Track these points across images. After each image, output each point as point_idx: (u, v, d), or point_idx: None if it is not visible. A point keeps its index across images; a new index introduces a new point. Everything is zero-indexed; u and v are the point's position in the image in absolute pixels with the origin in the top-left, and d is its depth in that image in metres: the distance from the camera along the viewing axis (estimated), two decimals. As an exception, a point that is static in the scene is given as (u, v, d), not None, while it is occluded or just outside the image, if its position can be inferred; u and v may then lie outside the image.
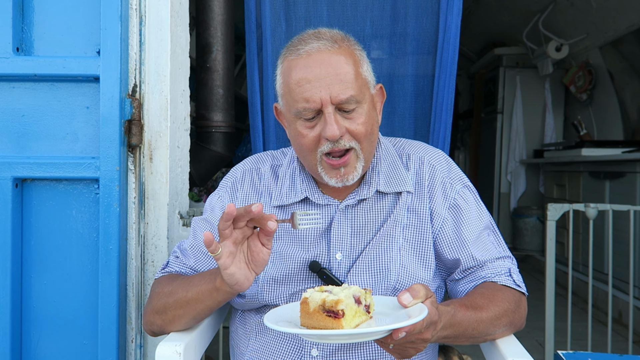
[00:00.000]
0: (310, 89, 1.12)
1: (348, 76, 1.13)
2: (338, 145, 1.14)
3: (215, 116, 2.25)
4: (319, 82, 1.12)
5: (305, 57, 1.14)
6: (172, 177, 1.66)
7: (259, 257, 1.04)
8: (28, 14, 1.55)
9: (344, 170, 1.16)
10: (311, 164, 1.19)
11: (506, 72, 6.06)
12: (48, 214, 1.56)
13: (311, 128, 1.15)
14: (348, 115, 1.14)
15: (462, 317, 1.05)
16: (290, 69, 1.16)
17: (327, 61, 1.13)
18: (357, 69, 1.16)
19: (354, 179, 1.18)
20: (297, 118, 1.16)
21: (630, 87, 4.70)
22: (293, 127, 1.19)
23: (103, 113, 1.51)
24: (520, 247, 5.71)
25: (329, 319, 0.90)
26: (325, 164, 1.16)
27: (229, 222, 0.98)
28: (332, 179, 1.17)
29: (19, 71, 1.52)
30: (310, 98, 1.12)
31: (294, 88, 1.14)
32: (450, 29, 1.87)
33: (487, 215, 1.28)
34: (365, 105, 1.17)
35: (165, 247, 1.63)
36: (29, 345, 1.57)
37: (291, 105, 1.17)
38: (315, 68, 1.12)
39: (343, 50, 1.15)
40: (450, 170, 1.29)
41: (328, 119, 1.12)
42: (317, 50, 1.14)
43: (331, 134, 1.12)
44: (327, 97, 1.11)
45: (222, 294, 1.10)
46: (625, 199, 3.82)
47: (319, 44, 1.14)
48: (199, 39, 2.23)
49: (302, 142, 1.17)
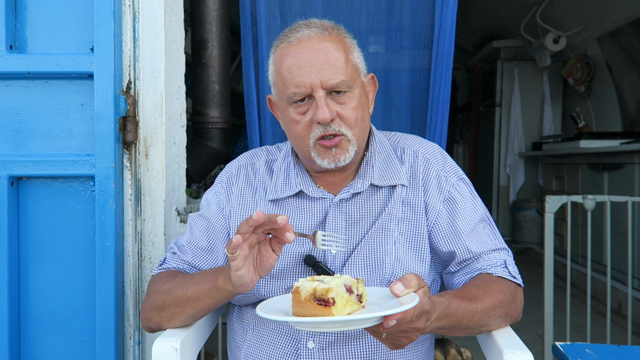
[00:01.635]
0: (300, 74, 1.14)
1: (338, 61, 1.15)
2: (329, 129, 1.16)
3: (211, 112, 2.25)
4: (309, 67, 1.14)
5: (295, 44, 1.16)
6: (168, 174, 1.66)
7: (267, 262, 1.05)
8: (21, 12, 1.54)
9: (335, 151, 1.18)
10: (304, 150, 1.20)
11: (504, 65, 6.04)
12: (44, 211, 1.56)
13: (303, 114, 1.17)
14: (339, 100, 1.16)
15: (456, 307, 1.05)
16: (281, 57, 1.18)
17: (317, 47, 1.15)
18: (347, 55, 1.18)
19: (346, 160, 1.19)
20: (289, 105, 1.18)
21: (629, 78, 4.69)
22: (286, 115, 1.21)
23: (97, 110, 1.51)
24: (519, 239, 5.72)
25: (319, 307, 0.91)
26: (319, 146, 1.18)
27: (252, 228, 0.98)
28: (324, 160, 1.18)
29: (12, 69, 1.51)
30: (300, 83, 1.14)
31: (285, 74, 1.17)
32: (446, 22, 1.87)
33: (482, 207, 1.28)
34: (356, 90, 1.18)
35: (162, 243, 1.63)
36: (27, 343, 1.58)
37: (283, 92, 1.19)
38: (305, 54, 1.15)
39: (333, 37, 1.18)
40: (444, 163, 1.29)
41: (319, 103, 1.14)
42: (307, 37, 1.16)
43: (322, 117, 1.13)
44: (318, 81, 1.14)
45: (224, 293, 1.10)
46: (623, 191, 3.82)
47: (309, 31, 1.17)
48: (194, 34, 2.22)
49: (295, 129, 1.19)
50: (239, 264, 1.01)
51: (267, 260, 1.05)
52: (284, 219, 0.97)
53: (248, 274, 1.03)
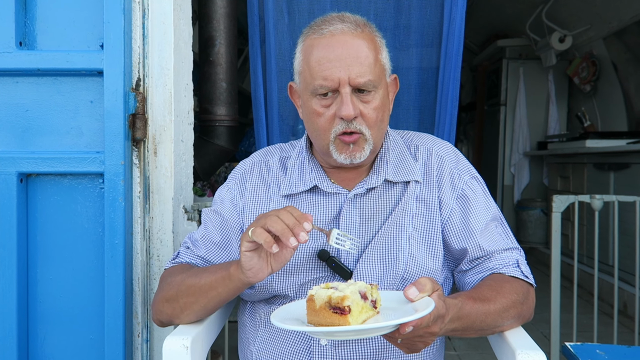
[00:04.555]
0: (330, 67, 1.14)
1: (368, 60, 1.15)
2: (350, 127, 1.16)
3: (218, 110, 2.25)
4: (339, 62, 1.13)
5: (328, 37, 1.16)
6: (176, 171, 1.66)
7: (281, 255, 1.05)
8: (31, 8, 1.54)
9: (353, 147, 1.18)
10: (324, 143, 1.20)
11: (509, 64, 6.02)
12: (53, 209, 1.56)
13: (327, 107, 1.17)
14: (363, 98, 1.16)
15: (469, 309, 1.04)
16: (312, 47, 1.18)
17: (349, 43, 1.15)
18: (376, 55, 1.18)
19: (361, 157, 1.19)
20: (313, 96, 1.18)
21: (635, 78, 4.67)
22: (308, 106, 1.20)
23: (107, 107, 1.50)
24: (524, 239, 5.70)
25: (335, 315, 0.90)
26: (339, 141, 1.18)
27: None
28: (341, 155, 1.19)
29: (22, 66, 1.51)
30: (329, 77, 1.14)
31: (314, 66, 1.16)
32: (455, 21, 1.86)
33: (494, 206, 1.28)
34: (380, 91, 1.18)
35: (170, 241, 1.63)
36: (35, 341, 1.58)
37: (309, 83, 1.18)
38: (337, 48, 1.14)
39: (365, 35, 1.17)
40: (458, 161, 1.29)
41: (345, 99, 1.14)
42: (340, 32, 1.15)
43: (346, 113, 1.13)
44: (346, 77, 1.13)
45: (235, 281, 1.10)
46: (629, 190, 3.81)
47: (342, 25, 1.16)
48: (202, 32, 2.22)
49: (317, 121, 1.19)
50: (250, 245, 1.02)
51: (281, 253, 1.05)
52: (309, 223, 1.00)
53: (258, 259, 1.04)
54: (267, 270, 1.06)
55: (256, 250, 1.04)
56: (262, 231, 1.00)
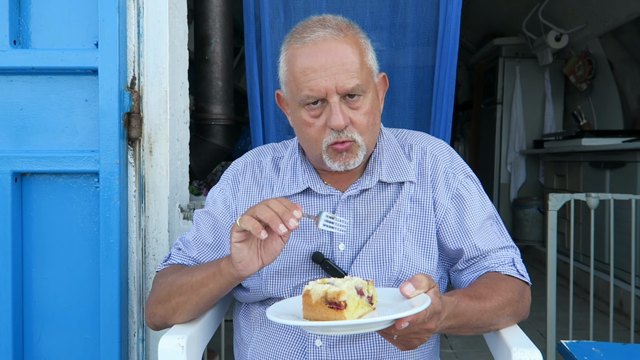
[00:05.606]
0: (315, 77, 1.11)
1: (354, 66, 1.12)
2: (342, 136, 1.14)
3: (214, 109, 2.24)
4: (324, 71, 1.11)
5: (310, 46, 1.13)
6: (172, 170, 1.65)
7: (272, 247, 1.04)
8: (25, 7, 1.53)
9: (346, 155, 1.16)
10: (316, 152, 1.18)
11: (505, 62, 6.03)
12: (48, 208, 1.55)
13: (316, 117, 1.15)
14: (352, 104, 1.14)
15: (465, 307, 1.04)
16: (295, 57, 1.15)
17: (333, 50, 1.12)
18: (362, 58, 1.15)
19: (355, 164, 1.18)
20: (302, 107, 1.16)
21: (630, 76, 4.68)
22: (297, 116, 1.18)
23: (102, 106, 1.50)
24: (520, 237, 5.71)
25: (331, 310, 0.90)
26: (331, 150, 1.16)
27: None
28: (335, 163, 1.17)
29: (16, 64, 1.51)
30: (315, 87, 1.11)
31: (299, 77, 1.13)
32: (451, 19, 1.86)
33: (490, 205, 1.28)
34: (369, 94, 1.17)
35: (166, 240, 1.63)
36: (30, 340, 1.57)
37: (295, 94, 1.16)
38: (321, 57, 1.11)
39: (349, 39, 1.14)
40: (452, 160, 1.28)
41: (334, 109, 1.12)
42: (322, 39, 1.12)
43: (336, 124, 1.12)
44: (333, 86, 1.11)
45: (226, 276, 1.09)
46: (625, 189, 3.82)
47: (324, 32, 1.13)
48: (197, 31, 2.21)
49: (307, 131, 1.17)
50: (240, 235, 1.02)
51: (271, 244, 1.04)
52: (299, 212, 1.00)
53: (249, 251, 1.03)
54: (257, 263, 1.05)
55: (246, 241, 1.03)
56: (250, 218, 0.99)
